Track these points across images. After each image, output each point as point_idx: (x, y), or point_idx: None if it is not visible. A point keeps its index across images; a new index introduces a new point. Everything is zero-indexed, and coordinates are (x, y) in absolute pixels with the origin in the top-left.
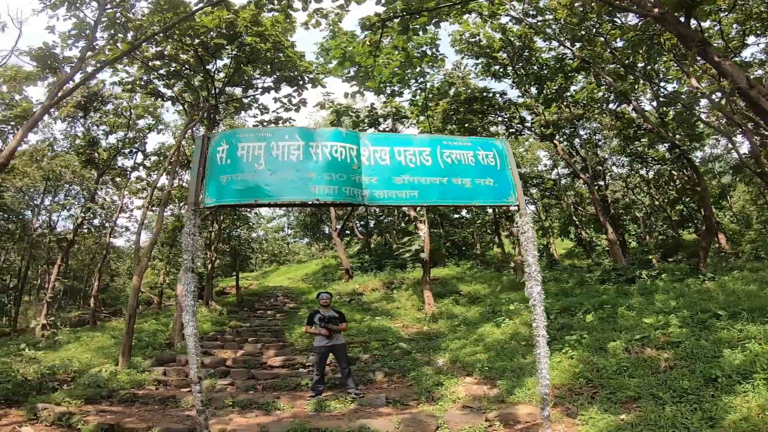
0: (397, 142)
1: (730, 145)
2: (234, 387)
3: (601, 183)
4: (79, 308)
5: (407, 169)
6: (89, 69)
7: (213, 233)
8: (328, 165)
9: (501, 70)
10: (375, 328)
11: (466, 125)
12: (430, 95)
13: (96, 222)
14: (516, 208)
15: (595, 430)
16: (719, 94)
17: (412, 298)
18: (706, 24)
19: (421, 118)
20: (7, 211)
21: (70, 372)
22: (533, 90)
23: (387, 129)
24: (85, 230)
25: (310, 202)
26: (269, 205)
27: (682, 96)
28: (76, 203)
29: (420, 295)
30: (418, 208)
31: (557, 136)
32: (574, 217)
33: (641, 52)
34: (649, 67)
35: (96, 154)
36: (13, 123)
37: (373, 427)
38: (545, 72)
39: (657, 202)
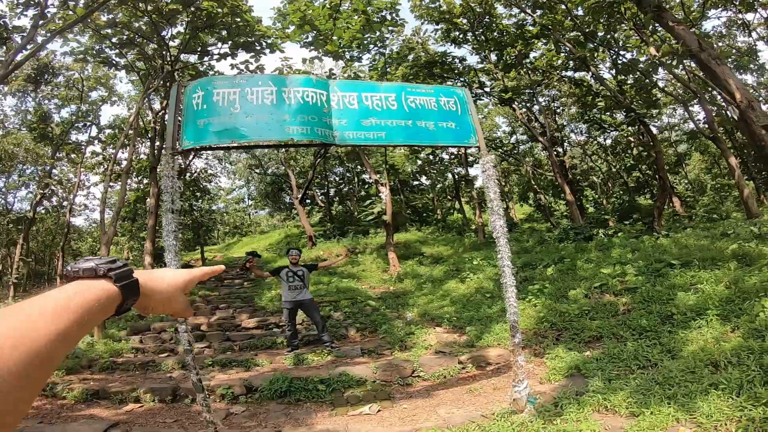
0: (364, 88)
1: (686, 115)
2: (211, 349)
3: (560, 149)
4: (45, 290)
5: (374, 113)
6: (39, 39)
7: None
8: (301, 108)
9: (461, 36)
10: (343, 288)
11: None
12: (390, 60)
13: (54, 201)
14: (477, 149)
15: (563, 365)
16: (672, 59)
17: (377, 261)
18: None
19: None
20: None
21: None
22: (493, 56)
23: None
24: (43, 210)
25: (285, 142)
26: (246, 147)
27: (641, 64)
28: (32, 183)
29: (384, 258)
30: (380, 175)
31: (516, 102)
32: (533, 182)
33: (602, 20)
34: (609, 36)
35: (49, 129)
36: None
37: (352, 373)
38: (505, 38)
39: (614, 169)
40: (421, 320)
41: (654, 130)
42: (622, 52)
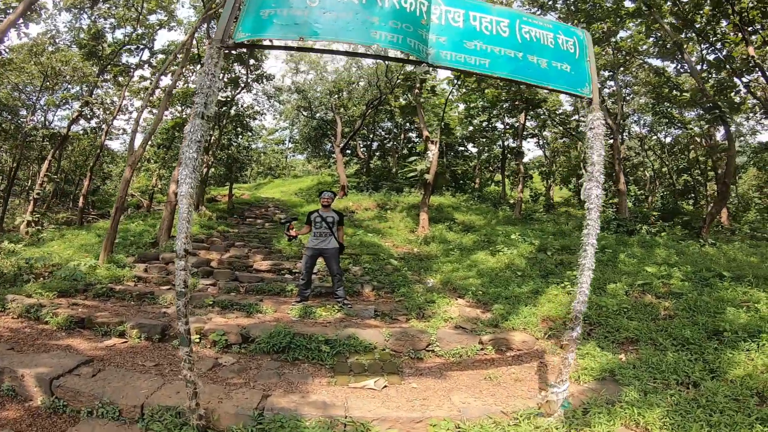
0: (474, 7)
1: (755, 127)
2: (216, 288)
3: (620, 138)
4: (68, 210)
5: (481, 36)
6: None
7: (213, 137)
8: (395, 13)
9: (550, 2)
10: (367, 242)
11: None
12: None
13: (94, 122)
14: (589, 100)
15: (597, 365)
16: None
17: (406, 220)
18: None
19: None
20: (1, 108)
21: (49, 266)
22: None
23: None
24: (81, 131)
25: (367, 48)
26: (315, 50)
27: (735, 63)
28: (73, 101)
29: (414, 219)
30: (432, 131)
31: None
32: (582, 165)
33: (702, 12)
34: (708, 27)
35: (100, 48)
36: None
37: (362, 337)
38: (598, 11)
39: (665, 168)
40: (443, 288)
41: (717, 136)
42: (717, 47)
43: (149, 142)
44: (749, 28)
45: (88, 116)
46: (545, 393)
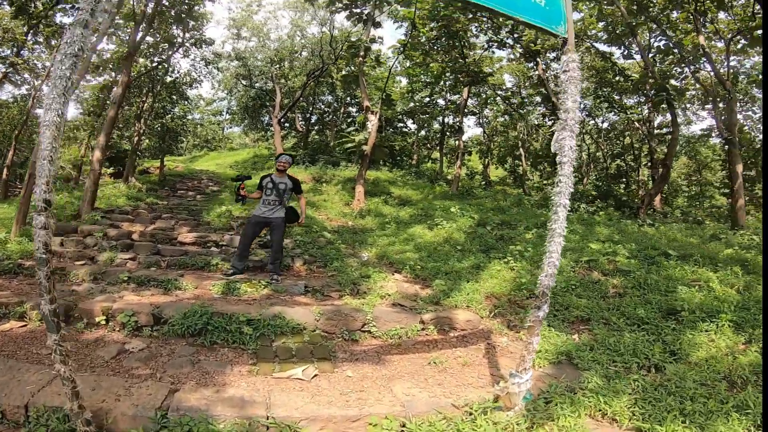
0: None
1: (690, 117)
2: (135, 262)
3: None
4: None
5: None
6: None
7: (146, 104)
8: None
9: None
10: None
11: (450, 29)
12: None
13: (24, 90)
14: (564, 40)
15: (552, 347)
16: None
17: (341, 194)
18: None
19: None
20: None
21: None
22: None
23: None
24: (11, 99)
25: None
26: None
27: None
28: None
29: (350, 192)
30: (373, 103)
31: (540, 59)
32: (521, 145)
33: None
34: (662, 15)
35: (32, 4)
36: None
37: (290, 317)
38: None
39: (600, 152)
40: (378, 262)
41: (655, 123)
42: (669, 35)
43: (79, 111)
44: (701, 19)
45: (18, 82)
46: (504, 383)
